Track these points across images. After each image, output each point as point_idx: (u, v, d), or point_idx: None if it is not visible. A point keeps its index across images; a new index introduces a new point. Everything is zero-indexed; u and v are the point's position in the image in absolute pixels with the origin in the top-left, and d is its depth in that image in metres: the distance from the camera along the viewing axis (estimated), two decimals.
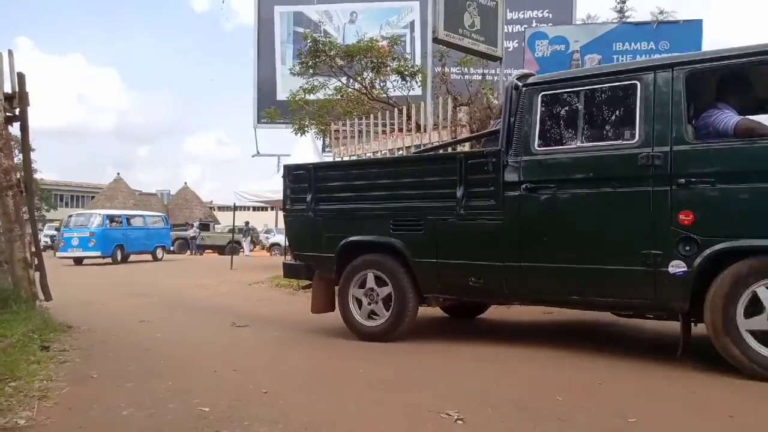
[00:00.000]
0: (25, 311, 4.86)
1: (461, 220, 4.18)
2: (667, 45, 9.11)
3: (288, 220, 5.31)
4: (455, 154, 4.97)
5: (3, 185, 5.13)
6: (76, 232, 16.88)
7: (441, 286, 4.42)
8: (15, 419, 2.56)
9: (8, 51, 5.41)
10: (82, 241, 16.74)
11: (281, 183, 5.51)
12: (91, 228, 17.06)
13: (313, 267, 5.01)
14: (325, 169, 5.44)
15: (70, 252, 16.86)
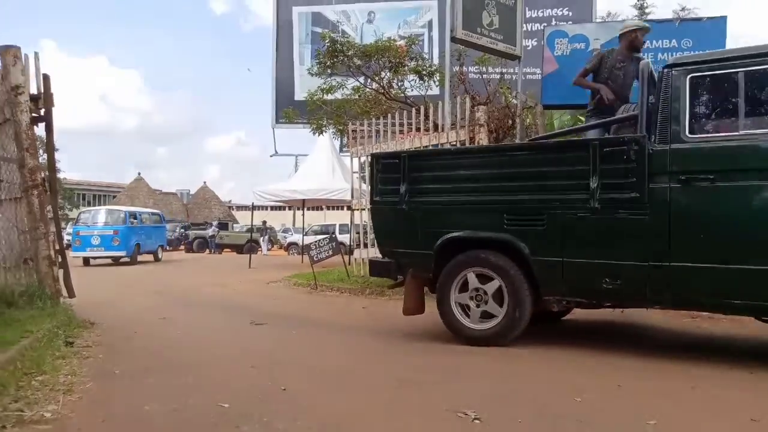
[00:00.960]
0: (50, 308, 4.96)
1: (594, 215, 3.76)
2: (690, 43, 8.94)
3: (376, 214, 4.93)
4: (587, 141, 4.44)
5: (29, 184, 5.23)
6: (97, 230, 15.55)
7: (566, 287, 4.00)
8: (41, 412, 2.62)
9: (34, 53, 5.52)
10: (105, 240, 15.38)
11: (368, 172, 5.19)
12: (115, 225, 15.77)
13: (405, 265, 4.61)
14: (422, 158, 4.97)
15: (89, 252, 15.41)
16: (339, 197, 14.21)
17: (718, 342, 4.57)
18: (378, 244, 5.12)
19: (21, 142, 5.21)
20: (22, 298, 4.89)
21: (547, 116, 11.28)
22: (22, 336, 3.82)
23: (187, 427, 2.54)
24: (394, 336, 4.92)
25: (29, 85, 5.43)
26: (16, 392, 2.85)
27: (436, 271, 4.41)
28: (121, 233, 15.52)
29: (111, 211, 17.29)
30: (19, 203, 5.32)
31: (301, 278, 9.79)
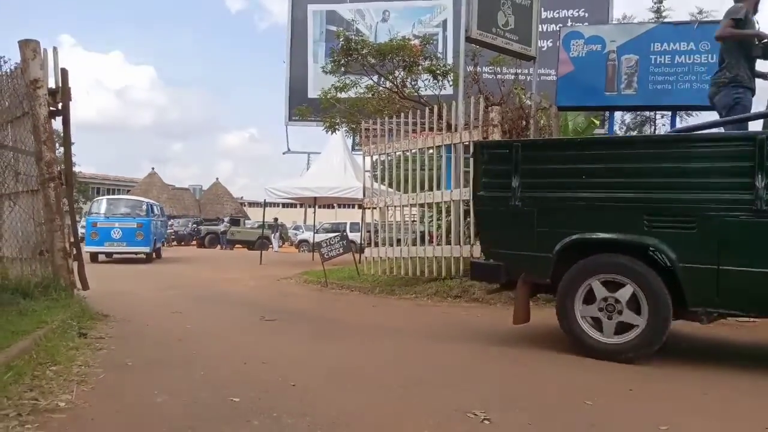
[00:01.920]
0: (64, 299, 5.03)
1: (762, 217, 3.37)
2: (708, 46, 8.84)
3: (482, 210, 4.43)
4: (753, 133, 3.94)
5: (45, 177, 5.30)
6: (119, 222, 13.64)
7: (722, 299, 3.54)
8: (56, 401, 2.66)
9: (53, 48, 5.59)
10: (128, 234, 13.57)
11: (471, 163, 4.56)
12: (139, 218, 13.99)
13: (515, 269, 4.16)
14: (540, 148, 4.51)
15: (107, 247, 13.57)
16: (351, 196, 14.24)
17: (732, 347, 4.52)
18: (482, 244, 4.65)
19: (39, 135, 5.29)
20: (38, 289, 4.96)
21: (562, 118, 11.22)
22: (37, 326, 3.87)
23: (198, 419, 2.56)
24: (402, 335, 4.93)
25: (47, 79, 5.50)
26: (32, 381, 2.90)
27: (554, 277, 3.96)
28: (145, 227, 13.85)
29: (133, 202, 15.47)
30: (36, 196, 5.39)
31: (311, 275, 9.82)
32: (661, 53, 8.98)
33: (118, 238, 13.51)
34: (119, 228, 13.55)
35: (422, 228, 9.69)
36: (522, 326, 5.29)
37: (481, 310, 6.16)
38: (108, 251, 13.84)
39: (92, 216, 14.16)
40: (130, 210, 14.41)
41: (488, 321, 5.62)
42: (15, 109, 5.44)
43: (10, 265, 5.12)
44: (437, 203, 7.91)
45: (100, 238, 13.46)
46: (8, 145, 5.40)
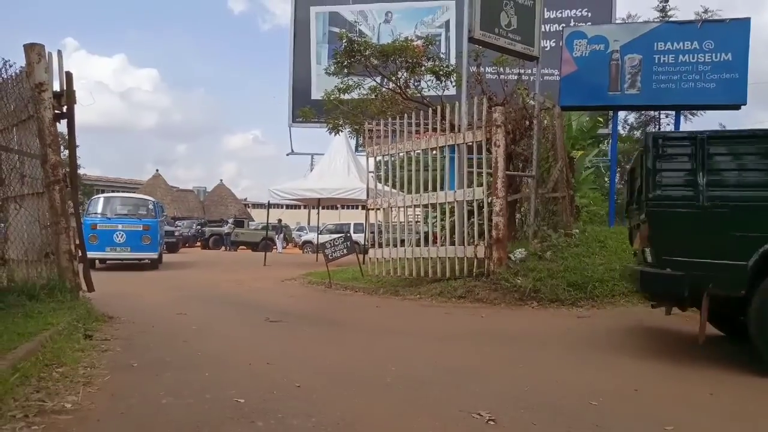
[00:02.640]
0: (70, 301, 5.04)
1: None
2: (712, 45, 8.83)
3: (656, 212, 3.81)
4: None
5: (50, 180, 5.33)
6: (122, 224, 11.88)
7: None
8: (62, 403, 2.67)
9: (57, 51, 5.62)
10: (132, 238, 11.88)
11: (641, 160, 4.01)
12: (146, 219, 12.24)
13: (700, 280, 3.60)
14: (734, 141, 3.88)
15: (109, 252, 11.83)
16: (354, 197, 14.26)
17: (738, 348, 4.50)
18: (655, 251, 3.88)
19: (44, 138, 5.31)
20: (43, 291, 4.98)
21: (565, 118, 11.20)
22: (43, 328, 3.89)
23: (203, 420, 2.56)
24: (407, 335, 4.93)
25: (52, 83, 5.53)
26: (38, 383, 2.91)
27: (749, 291, 3.47)
28: (152, 229, 12.12)
29: (136, 200, 13.37)
30: (41, 198, 5.41)
31: (315, 276, 9.83)
32: (664, 52, 8.98)
33: (121, 242, 11.69)
34: (123, 231, 11.74)
35: (426, 229, 9.68)
36: (524, 327, 5.29)
37: (486, 311, 6.15)
38: (110, 257, 12.06)
39: (91, 217, 11.97)
40: (133, 210, 12.54)
41: (492, 322, 5.61)
42: (20, 112, 5.46)
43: (16, 268, 5.14)
44: (441, 204, 7.91)
45: (100, 243, 11.52)
46: (14, 149, 5.42)
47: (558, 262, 6.99)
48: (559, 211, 8.44)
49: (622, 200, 23.93)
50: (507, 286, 6.64)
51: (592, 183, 15.28)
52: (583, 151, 14.48)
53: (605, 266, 6.73)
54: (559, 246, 7.45)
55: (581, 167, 13.85)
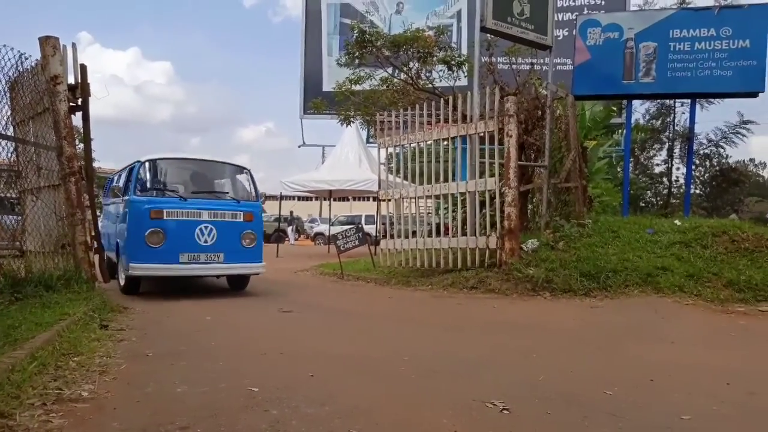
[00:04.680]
0: (86, 291, 5.11)
1: None
2: (729, 32, 8.67)
3: None
4: None
5: (66, 172, 5.38)
6: (208, 210, 6.62)
7: None
8: (79, 391, 2.71)
9: (72, 44, 5.66)
10: (227, 236, 6.67)
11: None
12: (246, 203, 7.04)
13: None
14: None
15: (188, 265, 6.45)
16: (366, 188, 14.25)
17: (753, 338, 4.45)
18: None
19: (59, 130, 5.36)
20: (60, 282, 5.05)
21: (579, 107, 11.08)
22: (59, 318, 3.95)
23: (217, 409, 2.59)
24: (419, 325, 4.93)
25: (67, 76, 5.57)
26: (55, 372, 2.95)
27: None
28: (257, 221, 7.14)
29: (225, 169, 7.62)
30: (57, 190, 5.48)
31: (327, 267, 9.87)
32: (680, 40, 8.83)
33: (209, 244, 6.54)
34: (211, 224, 6.57)
35: (437, 219, 9.66)
36: (536, 318, 5.28)
37: (498, 301, 6.14)
38: (189, 273, 6.62)
39: (144, 195, 6.59)
40: (223, 185, 7.47)
41: (504, 312, 5.60)
42: (36, 105, 5.52)
43: (33, 259, 5.22)
44: (452, 194, 7.89)
45: (169, 245, 6.35)
46: (30, 141, 5.48)
47: (570, 252, 6.94)
48: (571, 201, 8.37)
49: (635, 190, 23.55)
50: (519, 276, 6.61)
51: (606, 173, 15.12)
52: (597, 141, 14.33)
53: (618, 256, 6.68)
54: (571, 236, 7.40)
55: (594, 157, 13.72)
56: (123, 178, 7.45)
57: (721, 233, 6.97)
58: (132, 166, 6.98)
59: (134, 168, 6.80)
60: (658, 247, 6.94)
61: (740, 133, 21.78)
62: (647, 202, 24.12)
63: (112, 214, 7.72)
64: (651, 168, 24.21)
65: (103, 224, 8.18)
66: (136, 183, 6.61)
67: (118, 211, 7.18)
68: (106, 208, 8.56)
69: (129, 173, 7.04)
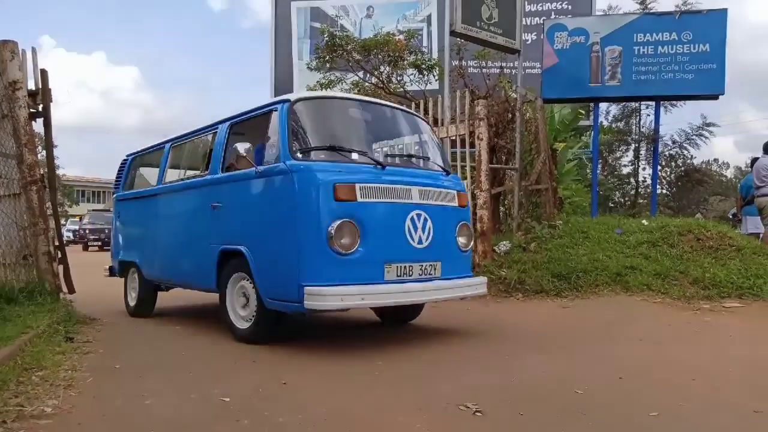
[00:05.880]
0: (50, 303, 4.96)
1: None
2: (690, 36, 8.93)
3: None
4: None
5: (27, 180, 5.23)
6: (420, 185, 4.03)
7: None
8: (42, 407, 2.62)
9: (32, 48, 5.52)
10: (442, 235, 4.10)
11: None
12: (452, 178, 4.56)
13: None
14: None
15: (399, 285, 3.80)
16: None
17: (718, 334, 4.57)
18: None
19: (19, 137, 5.21)
20: (22, 294, 4.89)
21: (548, 110, 11.26)
22: (22, 332, 3.82)
23: (188, 420, 2.53)
24: (393, 330, 4.93)
25: (27, 81, 5.42)
26: (17, 387, 2.85)
27: None
28: (468, 208, 4.68)
29: (411, 122, 4.82)
30: (18, 199, 5.31)
31: None
32: (644, 44, 9.04)
33: (424, 245, 3.96)
34: (424, 210, 3.99)
35: None
36: (509, 319, 5.33)
37: (471, 303, 6.17)
38: (399, 299, 3.88)
39: (308, 162, 3.75)
40: (415, 149, 4.84)
41: (478, 314, 5.63)
42: None
43: None
44: None
45: (368, 249, 3.71)
46: None
47: (542, 253, 7.03)
48: (542, 203, 8.48)
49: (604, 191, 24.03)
50: (492, 278, 6.66)
51: (575, 175, 15.39)
52: (566, 143, 14.58)
53: (588, 257, 6.79)
54: (542, 237, 7.50)
55: (564, 159, 13.94)
56: (220, 140, 4.55)
57: (686, 232, 7.15)
58: (263, 111, 4.19)
59: (277, 113, 3.94)
60: (626, 246, 7.07)
61: (703, 135, 22.45)
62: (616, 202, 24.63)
63: (168, 208, 5.36)
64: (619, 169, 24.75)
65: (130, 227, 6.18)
66: (289, 140, 3.77)
67: (208, 198, 4.52)
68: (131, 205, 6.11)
69: (256, 123, 4.32)
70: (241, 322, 4.29)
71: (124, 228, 6.31)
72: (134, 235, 6.07)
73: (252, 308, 4.15)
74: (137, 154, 6.39)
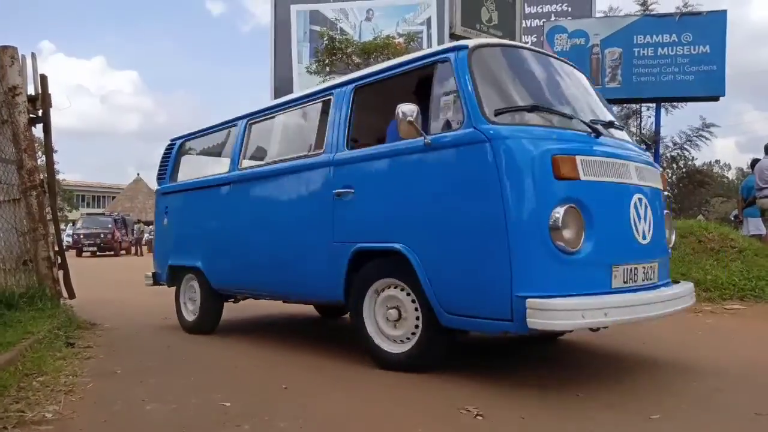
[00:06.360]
0: (50, 309, 4.95)
1: None
2: (690, 37, 8.95)
3: None
4: None
5: (27, 186, 5.23)
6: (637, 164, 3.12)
7: None
8: (42, 413, 2.61)
9: (31, 54, 5.52)
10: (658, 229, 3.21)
11: None
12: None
13: None
14: None
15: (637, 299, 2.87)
16: None
17: (720, 336, 4.55)
18: None
19: (19, 143, 5.21)
20: (22, 299, 4.88)
21: None
22: (22, 337, 3.81)
23: (188, 425, 2.52)
24: None
25: (27, 86, 5.43)
26: (17, 393, 2.84)
27: None
28: None
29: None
30: (18, 205, 5.31)
31: None
32: (644, 46, 9.07)
33: (646, 241, 3.06)
34: (643, 194, 3.07)
35: None
36: None
37: None
38: (629, 317, 2.83)
39: (513, 126, 2.84)
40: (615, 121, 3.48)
41: None
42: None
43: None
44: None
45: (595, 246, 2.81)
46: None
47: None
48: None
49: None
50: None
51: None
52: None
53: None
54: None
55: None
56: (340, 108, 3.61)
57: (688, 234, 7.14)
58: (418, 65, 3.33)
59: (450, 64, 3.06)
60: None
61: (704, 136, 22.44)
62: None
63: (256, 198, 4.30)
64: None
65: (187, 225, 5.15)
66: (479, 98, 2.89)
67: (327, 183, 3.58)
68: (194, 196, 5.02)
69: (398, 83, 3.54)
70: (389, 344, 3.36)
71: (177, 226, 5.21)
72: (194, 234, 4.91)
73: (409, 325, 3.24)
74: (187, 137, 5.44)
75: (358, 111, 3.60)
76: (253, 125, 4.53)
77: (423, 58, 3.33)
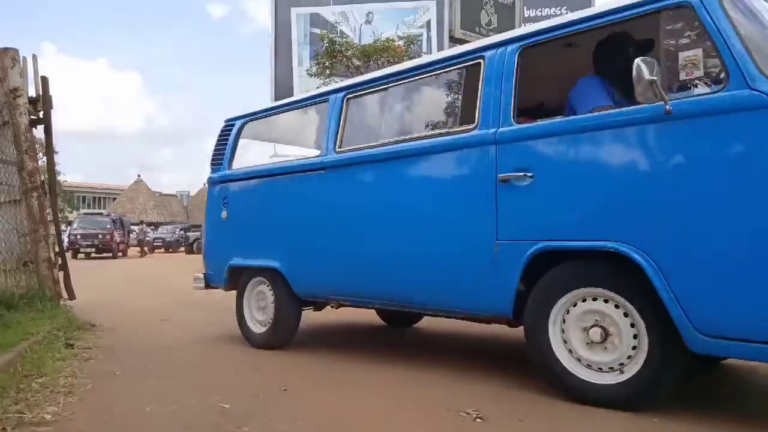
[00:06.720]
0: (50, 310, 4.97)
1: None
2: None
3: None
4: None
5: (28, 187, 5.24)
6: None
7: None
8: (41, 414, 2.61)
9: (32, 55, 5.54)
10: None
11: None
12: None
13: None
14: None
15: None
16: None
17: None
18: None
19: (20, 144, 5.23)
20: (23, 300, 4.90)
21: None
22: (22, 338, 3.82)
23: (187, 427, 2.53)
24: (393, 335, 4.92)
25: (28, 88, 5.44)
26: (17, 394, 2.85)
27: None
28: None
29: None
30: (19, 206, 5.33)
31: None
32: None
33: None
34: None
35: None
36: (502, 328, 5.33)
37: None
38: None
39: None
40: None
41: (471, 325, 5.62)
42: None
43: None
44: None
45: None
46: None
47: None
48: None
49: None
50: None
51: None
52: None
53: None
54: None
55: None
56: (497, 74, 2.93)
57: None
58: (625, 16, 2.57)
59: (691, 8, 2.36)
60: None
61: None
62: None
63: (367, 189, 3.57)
64: None
65: (259, 219, 4.29)
66: (749, 49, 2.23)
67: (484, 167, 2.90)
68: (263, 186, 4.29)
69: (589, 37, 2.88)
70: (590, 373, 2.71)
71: (243, 220, 4.39)
72: (270, 230, 4.14)
73: (623, 349, 2.58)
74: (251, 117, 4.56)
75: (522, 76, 2.92)
76: (349, 101, 3.78)
77: (640, 5, 2.53)
